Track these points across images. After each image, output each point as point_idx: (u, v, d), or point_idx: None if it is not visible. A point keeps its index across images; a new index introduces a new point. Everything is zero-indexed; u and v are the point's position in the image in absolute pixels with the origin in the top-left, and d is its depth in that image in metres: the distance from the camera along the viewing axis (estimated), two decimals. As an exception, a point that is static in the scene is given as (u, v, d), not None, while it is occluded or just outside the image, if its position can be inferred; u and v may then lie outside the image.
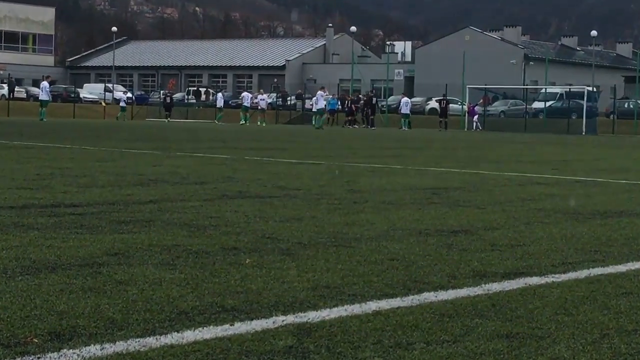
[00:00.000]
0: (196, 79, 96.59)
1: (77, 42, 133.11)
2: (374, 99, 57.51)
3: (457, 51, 71.72)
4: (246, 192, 9.68)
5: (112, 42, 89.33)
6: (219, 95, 59.82)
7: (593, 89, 57.88)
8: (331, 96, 57.77)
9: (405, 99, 55.26)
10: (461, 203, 9.12)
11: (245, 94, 58.44)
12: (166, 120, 59.71)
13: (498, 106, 63.89)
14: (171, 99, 64.76)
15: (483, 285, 4.87)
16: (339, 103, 58.89)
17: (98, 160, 14.37)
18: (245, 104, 55.62)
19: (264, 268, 5.16)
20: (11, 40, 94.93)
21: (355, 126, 54.15)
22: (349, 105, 56.48)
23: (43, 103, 44.79)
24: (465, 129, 54.90)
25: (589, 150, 26.65)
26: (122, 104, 62.39)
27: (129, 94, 68.88)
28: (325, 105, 52.58)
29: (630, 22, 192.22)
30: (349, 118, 55.87)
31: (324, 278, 4.92)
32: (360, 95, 58.59)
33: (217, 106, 58.62)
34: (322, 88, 52.59)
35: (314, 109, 51.54)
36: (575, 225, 7.58)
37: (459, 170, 14.51)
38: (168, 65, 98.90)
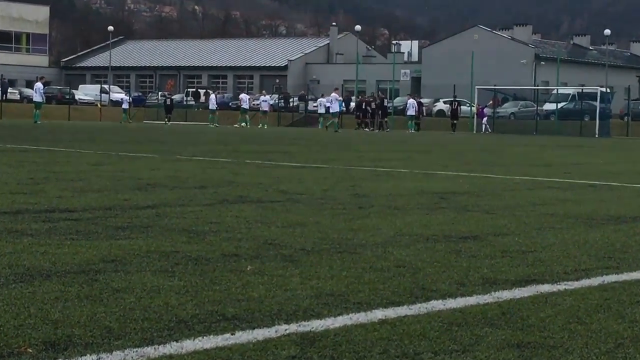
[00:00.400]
0: (195, 80, 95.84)
1: (72, 41, 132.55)
2: (385, 100, 57.11)
3: (466, 51, 70.99)
4: (247, 196, 9.63)
5: (108, 42, 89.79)
6: (212, 96, 58.25)
7: (606, 89, 57.74)
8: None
9: (412, 100, 55.07)
10: (470, 208, 9.07)
11: (243, 95, 58.04)
12: (166, 122, 59.57)
13: (508, 108, 63.42)
14: (171, 101, 64.72)
15: (493, 293, 4.82)
16: (343, 105, 58.61)
17: (94, 164, 14.32)
18: (244, 106, 55.28)
19: (266, 275, 5.11)
20: (4, 40, 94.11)
21: (368, 129, 53.58)
22: (364, 107, 55.79)
23: (37, 105, 44.85)
24: (474, 132, 54.81)
25: (602, 153, 26.58)
26: (124, 105, 62.33)
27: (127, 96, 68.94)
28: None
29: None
30: (363, 120, 55.24)
31: (328, 285, 4.88)
32: (369, 98, 58.12)
33: (210, 108, 56.48)
34: (336, 89, 51.47)
35: (319, 110, 50.64)
36: (588, 230, 7.53)
37: (467, 174, 14.48)
38: (166, 66, 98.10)
